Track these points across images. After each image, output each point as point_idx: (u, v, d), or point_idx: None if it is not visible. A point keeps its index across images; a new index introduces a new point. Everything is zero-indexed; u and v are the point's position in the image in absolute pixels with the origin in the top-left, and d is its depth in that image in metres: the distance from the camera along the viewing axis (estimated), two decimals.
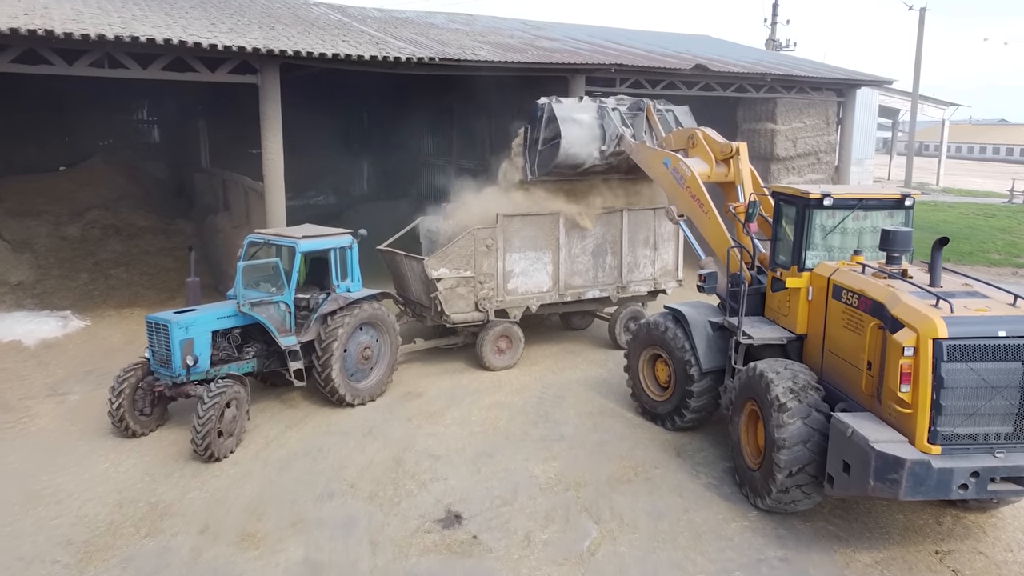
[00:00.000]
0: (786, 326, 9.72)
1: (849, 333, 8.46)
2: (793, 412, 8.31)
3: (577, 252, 13.96)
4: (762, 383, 8.75)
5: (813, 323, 9.30)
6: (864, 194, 9.42)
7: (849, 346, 8.45)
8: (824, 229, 9.40)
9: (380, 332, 12.00)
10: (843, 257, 9.40)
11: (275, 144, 13.97)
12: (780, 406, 8.38)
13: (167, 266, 19.69)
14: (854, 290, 8.37)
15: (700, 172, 11.65)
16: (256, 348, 11.09)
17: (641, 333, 11.60)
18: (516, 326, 13.65)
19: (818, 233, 9.38)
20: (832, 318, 8.84)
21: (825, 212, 9.32)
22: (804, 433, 8.24)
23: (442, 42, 16.45)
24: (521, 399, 12.24)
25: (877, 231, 9.42)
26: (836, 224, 9.41)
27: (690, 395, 10.64)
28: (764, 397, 8.67)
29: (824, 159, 21.25)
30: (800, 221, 9.40)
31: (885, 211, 9.48)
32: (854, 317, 8.35)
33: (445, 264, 12.83)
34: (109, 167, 22.78)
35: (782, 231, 10.01)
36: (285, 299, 10.85)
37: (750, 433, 9.27)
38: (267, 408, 11.66)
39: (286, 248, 11.23)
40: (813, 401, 8.42)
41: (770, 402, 8.52)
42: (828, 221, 9.38)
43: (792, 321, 9.59)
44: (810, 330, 9.38)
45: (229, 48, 12.26)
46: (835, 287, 8.76)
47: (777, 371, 8.77)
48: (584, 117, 13.48)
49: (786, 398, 8.40)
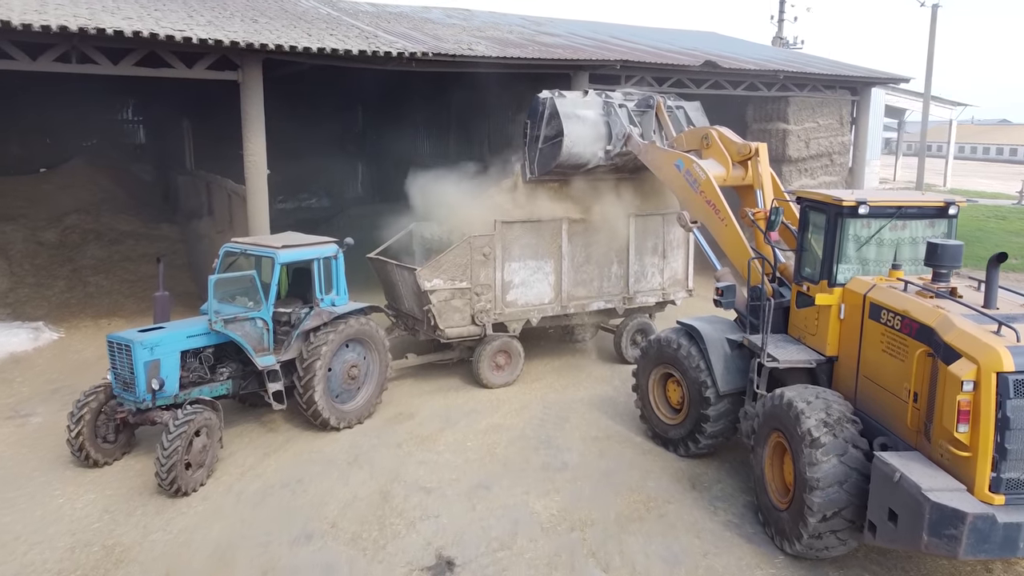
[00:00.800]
0: (814, 347, 8.79)
1: (889, 359, 7.53)
2: (827, 448, 7.38)
3: (581, 261, 13.03)
4: (791, 414, 7.82)
5: (845, 344, 8.38)
6: (903, 201, 8.50)
7: (890, 373, 7.53)
8: (858, 240, 8.48)
9: (368, 349, 11.07)
10: (879, 271, 8.49)
11: (258, 145, 13.04)
12: (812, 441, 7.46)
13: (149, 273, 18.67)
14: (896, 310, 7.45)
15: (715, 175, 10.74)
16: (231, 368, 10.15)
17: (651, 350, 10.67)
18: (515, 340, 12.72)
19: (851, 244, 8.47)
20: (869, 340, 7.92)
21: (859, 221, 8.41)
22: (840, 473, 7.31)
23: (437, 37, 15.53)
24: (521, 421, 11.30)
25: (916, 242, 8.55)
26: (872, 235, 8.50)
27: (705, 419, 9.71)
28: (793, 429, 7.75)
29: (838, 160, 20.32)
30: (831, 231, 8.49)
31: (925, 220, 8.57)
32: (896, 341, 7.43)
33: (439, 274, 11.90)
34: (92, 169, 21.86)
35: (808, 241, 9.10)
36: (262, 315, 9.91)
37: (776, 468, 8.34)
38: (244, 432, 10.73)
39: (264, 259, 10.29)
40: (850, 436, 7.50)
41: (800, 436, 7.60)
42: (863, 231, 8.48)
43: (821, 341, 8.66)
44: (841, 352, 8.46)
45: (205, 41, 11.34)
46: (872, 306, 7.84)
47: (808, 400, 7.84)
48: (589, 114, 12.55)
49: (819, 432, 7.48)
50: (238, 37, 11.62)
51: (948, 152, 49.92)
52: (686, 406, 10.09)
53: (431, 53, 13.28)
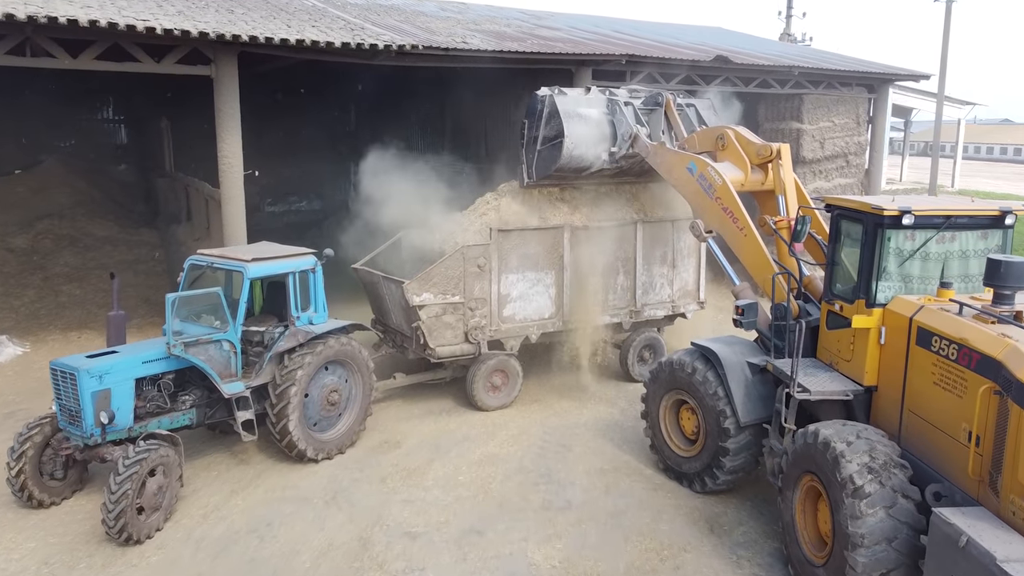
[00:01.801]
0: (849, 374, 7.77)
1: (943, 393, 6.53)
2: (873, 499, 6.37)
3: (584, 272, 11.98)
4: (828, 456, 6.80)
5: (887, 373, 7.36)
6: (953, 210, 7.47)
7: (943, 410, 6.53)
8: (900, 254, 7.46)
9: (350, 371, 10.03)
10: (924, 290, 7.48)
11: (233, 146, 11.99)
12: (855, 490, 6.44)
13: (127, 281, 17.59)
14: (951, 338, 6.43)
15: (733, 180, 9.73)
16: (196, 395, 9.10)
17: (662, 374, 9.64)
18: (513, 359, 11.68)
19: (893, 259, 7.45)
20: (916, 371, 6.90)
21: (902, 233, 7.39)
22: (888, 528, 6.30)
23: (429, 30, 14.50)
24: (518, 450, 10.27)
25: (967, 256, 7.58)
26: (916, 248, 7.47)
27: (724, 452, 8.70)
28: (831, 474, 6.72)
29: (854, 162, 19.25)
30: (869, 244, 7.46)
31: (976, 231, 7.55)
32: (951, 374, 6.41)
33: (429, 288, 10.86)
34: (68, 170, 20.74)
35: (840, 254, 8.08)
36: (228, 337, 8.86)
37: (808, 515, 7.32)
38: (212, 464, 9.70)
39: (234, 273, 9.26)
40: (899, 484, 6.48)
41: (840, 483, 6.57)
42: (906, 244, 7.46)
43: (857, 369, 7.64)
44: (882, 382, 7.45)
45: (171, 32, 10.28)
46: (921, 331, 6.83)
47: (848, 441, 6.81)
48: (592, 113, 11.51)
49: (863, 479, 6.47)
50: (208, 28, 10.58)
51: (957, 152, 48.87)
52: (702, 437, 9.08)
53: (420, 46, 12.24)
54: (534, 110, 11.68)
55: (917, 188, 46.62)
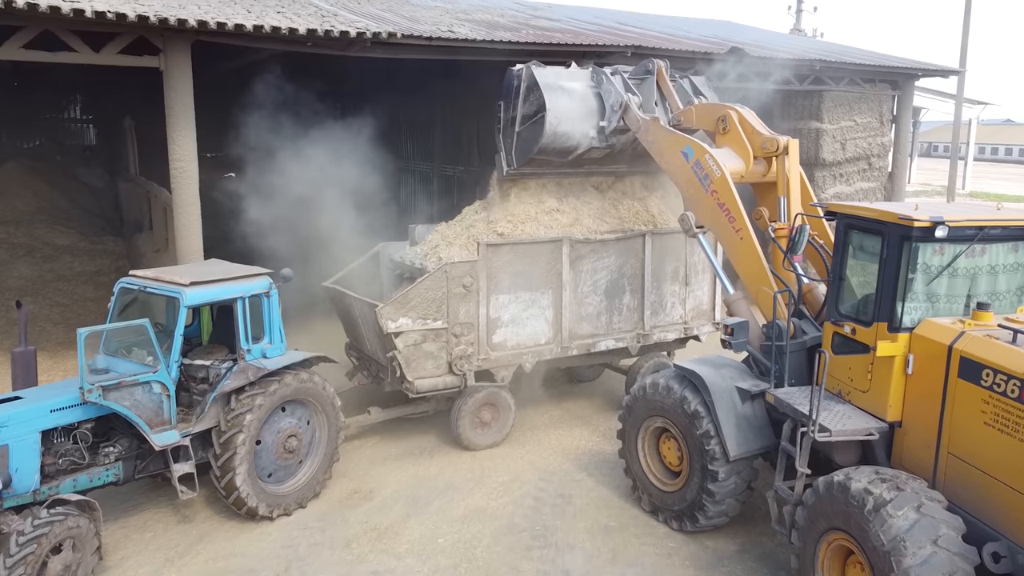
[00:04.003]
0: (867, 408, 6.61)
1: (1000, 437, 5.49)
2: (928, 566, 5.20)
3: (586, 291, 10.53)
4: (865, 513, 5.66)
5: (915, 408, 6.32)
6: (987, 220, 6.31)
7: (1001, 457, 5.49)
8: (929, 271, 6.32)
9: (312, 412, 8.57)
10: (951, 311, 6.38)
11: (186, 148, 10.53)
12: (905, 554, 5.37)
13: (86, 295, 16.22)
14: (1010, 372, 5.37)
15: (733, 171, 8.43)
16: (122, 446, 7.62)
17: (637, 403, 8.52)
18: (504, 391, 10.22)
19: (921, 277, 6.31)
20: (960, 408, 5.84)
21: (932, 246, 6.24)
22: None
23: (413, 19, 13.05)
24: (509, 503, 8.81)
25: (995, 272, 6.54)
26: (947, 263, 6.32)
27: (711, 494, 7.58)
28: (869, 535, 5.59)
29: (876, 164, 17.79)
30: (893, 258, 6.30)
31: (1007, 244, 6.46)
32: (1012, 414, 5.39)
33: (407, 312, 9.39)
34: (30, 174, 19.28)
35: (850, 268, 6.96)
36: (159, 378, 7.39)
37: None
38: (149, 522, 8.24)
39: (168, 299, 7.79)
40: (956, 546, 5.35)
41: (884, 549, 5.35)
42: (935, 259, 6.32)
43: (878, 403, 6.53)
44: (908, 418, 6.38)
45: (104, 15, 8.82)
46: (966, 361, 5.77)
47: (887, 496, 5.62)
48: (575, 86, 10.12)
49: (914, 543, 5.40)
50: (150, 12, 9.11)
51: (968, 153, 47.54)
52: (686, 470, 7.91)
53: (400, 34, 10.78)
54: (510, 88, 10.29)
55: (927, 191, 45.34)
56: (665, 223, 11.12)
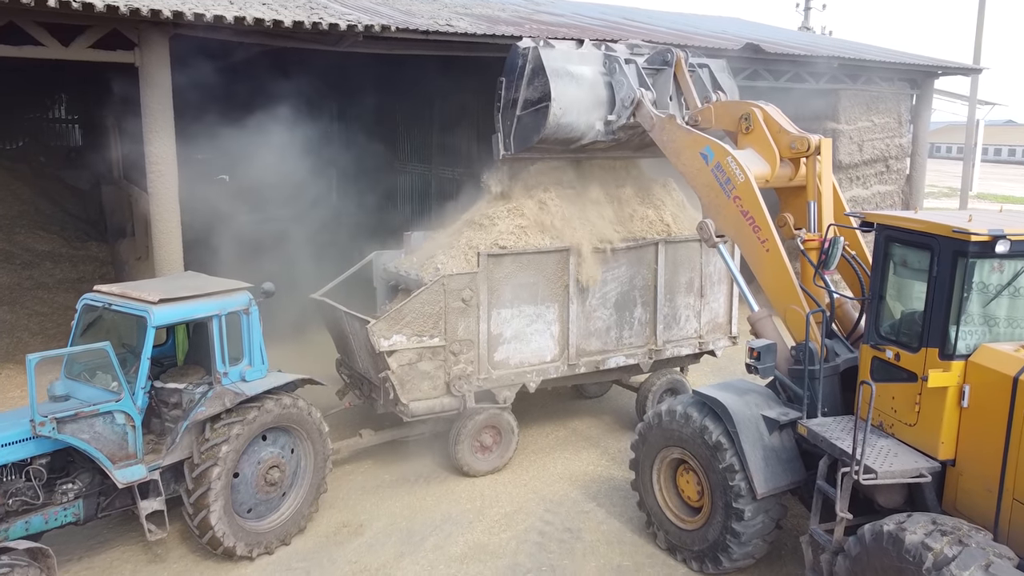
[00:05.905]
0: (914, 444, 5.92)
1: None
2: None
3: (595, 304, 9.78)
4: (921, 569, 5.01)
5: (972, 446, 5.62)
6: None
7: None
8: (986, 291, 5.62)
9: (297, 439, 7.82)
10: (1012, 335, 5.71)
11: (164, 148, 9.77)
12: None
13: (67, 303, 15.40)
14: None
15: (757, 175, 7.67)
16: (83, 482, 6.87)
17: (652, 432, 7.78)
18: (507, 413, 9.47)
19: (978, 298, 5.61)
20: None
21: (990, 263, 5.55)
22: None
23: (410, 13, 12.29)
24: (512, 538, 8.05)
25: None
26: (1008, 282, 5.64)
27: (735, 534, 6.85)
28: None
29: (894, 167, 17.03)
30: (945, 276, 5.61)
31: None
32: None
33: (401, 328, 8.63)
34: (10, 176, 18.48)
35: (891, 286, 6.27)
36: (123, 407, 6.63)
37: None
38: (116, 562, 7.48)
39: (134, 318, 7.03)
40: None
41: None
42: (993, 277, 5.64)
43: (928, 439, 5.84)
44: (963, 456, 5.67)
45: (68, 4, 8.06)
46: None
47: (950, 554, 4.93)
48: (585, 71, 9.33)
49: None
50: (120, 1, 8.36)
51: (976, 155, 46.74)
52: (707, 506, 7.18)
53: (394, 27, 10.03)
54: (513, 66, 9.54)
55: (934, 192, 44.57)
56: (680, 230, 10.36)
